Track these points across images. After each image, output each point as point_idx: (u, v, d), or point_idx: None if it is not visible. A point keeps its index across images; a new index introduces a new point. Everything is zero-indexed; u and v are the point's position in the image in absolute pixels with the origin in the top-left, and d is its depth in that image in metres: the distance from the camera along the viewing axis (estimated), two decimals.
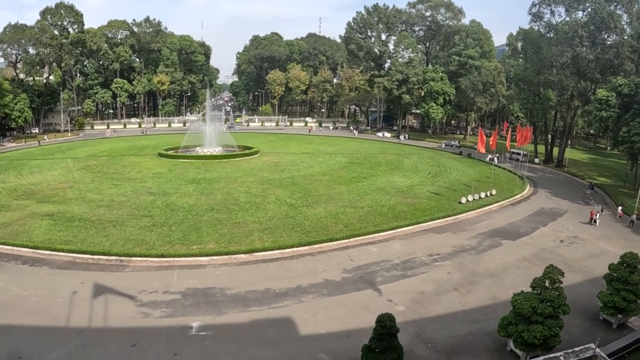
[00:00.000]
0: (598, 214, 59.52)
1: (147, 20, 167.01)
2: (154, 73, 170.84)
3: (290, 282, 38.94)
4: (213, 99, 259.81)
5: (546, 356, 21.04)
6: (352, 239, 49.46)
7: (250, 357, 27.90)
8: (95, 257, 42.36)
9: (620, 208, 64.99)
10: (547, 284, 28.94)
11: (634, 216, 60.96)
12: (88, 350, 28.34)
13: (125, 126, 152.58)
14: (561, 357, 20.26)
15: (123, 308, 33.78)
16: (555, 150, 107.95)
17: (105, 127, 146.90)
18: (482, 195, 68.34)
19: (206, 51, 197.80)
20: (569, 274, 37.27)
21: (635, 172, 79.87)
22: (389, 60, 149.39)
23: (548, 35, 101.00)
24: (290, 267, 42.49)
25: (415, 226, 54.90)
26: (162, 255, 43.02)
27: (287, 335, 31.36)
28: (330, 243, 48.17)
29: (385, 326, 25.66)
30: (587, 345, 21.83)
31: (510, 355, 29.49)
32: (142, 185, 68.05)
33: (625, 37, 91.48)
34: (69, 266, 40.80)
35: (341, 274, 41.24)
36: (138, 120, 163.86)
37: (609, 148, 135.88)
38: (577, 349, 21.91)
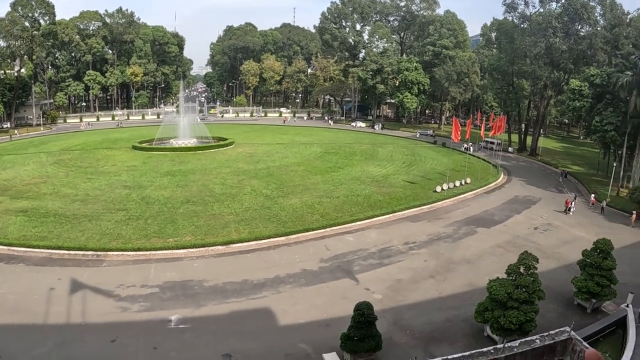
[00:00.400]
0: (573, 203, 60.15)
1: (119, 10, 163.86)
2: (127, 65, 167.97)
3: (268, 273, 38.77)
4: (187, 91, 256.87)
5: (522, 340, 21.09)
6: (328, 229, 49.33)
7: (230, 349, 27.39)
8: (72, 252, 41.47)
9: (593, 196, 65.95)
10: (522, 270, 29.33)
11: (604, 203, 62.26)
12: (68, 346, 27.91)
13: (98, 119, 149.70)
14: (537, 341, 20.37)
15: (101, 303, 33.25)
16: (529, 139, 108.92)
17: (78, 120, 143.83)
18: (457, 183, 68.66)
19: (179, 42, 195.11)
20: (544, 260, 37.48)
21: (608, 161, 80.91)
22: (363, 50, 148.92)
23: (522, 25, 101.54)
24: (267, 257, 42.29)
25: (391, 215, 54.97)
26: (139, 249, 42.38)
27: (267, 326, 31.30)
28: (307, 233, 48.01)
29: (364, 314, 25.88)
30: (562, 329, 21.97)
31: (487, 340, 29.65)
32: (116, 179, 66.89)
33: (599, 29, 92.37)
34: (45, 262, 39.89)
35: (318, 263, 41.21)
36: (111, 113, 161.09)
37: (581, 137, 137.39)
38: (552, 332, 22.04)
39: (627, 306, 32.91)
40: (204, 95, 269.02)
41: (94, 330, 29.71)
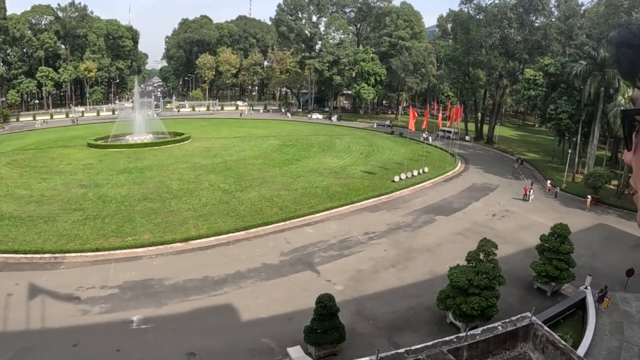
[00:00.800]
0: (531, 190, 60.77)
1: (72, 4, 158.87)
2: (80, 60, 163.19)
3: (229, 268, 38.30)
4: (142, 85, 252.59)
5: (484, 327, 20.95)
6: (287, 222, 48.90)
7: (194, 347, 27.06)
8: (28, 255, 39.85)
9: (549, 182, 66.97)
10: (481, 256, 29.80)
11: (558, 189, 63.46)
12: (29, 353, 26.97)
13: (52, 116, 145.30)
14: (499, 327, 20.23)
15: (61, 307, 32.11)
16: (485, 128, 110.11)
17: (31, 118, 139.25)
18: (415, 173, 68.59)
19: (134, 36, 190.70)
20: (503, 246, 37.69)
21: (563, 148, 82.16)
22: (320, 42, 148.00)
23: (477, 17, 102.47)
24: (227, 253, 41.73)
25: (350, 206, 54.74)
26: (97, 249, 41.05)
27: (229, 322, 31.00)
28: (266, 227, 47.47)
29: (326, 306, 26.00)
30: (523, 315, 21.91)
31: (450, 327, 29.88)
32: (72, 178, 64.59)
33: (553, 19, 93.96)
34: (1, 267, 38.15)
35: (279, 257, 40.90)
36: (66, 110, 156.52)
37: (537, 125, 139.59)
38: (513, 318, 21.96)
39: (586, 288, 33.54)
40: (159, 90, 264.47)
41: (55, 336, 28.79)
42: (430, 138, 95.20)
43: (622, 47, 1.20)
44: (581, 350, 25.86)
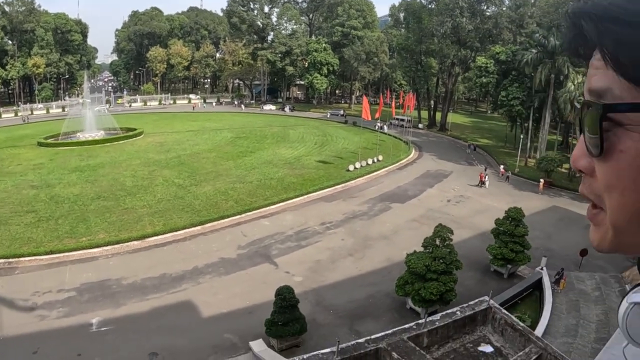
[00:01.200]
0: (487, 177, 61.30)
1: None
2: (28, 56, 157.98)
3: (186, 265, 37.62)
4: (92, 81, 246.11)
5: (443, 312, 20.91)
6: (243, 215, 48.27)
7: (155, 347, 26.60)
8: None
9: (502, 167, 67.84)
10: (437, 242, 30.31)
11: (509, 173, 64.72)
12: None
13: (0, 115, 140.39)
14: (458, 312, 20.20)
15: (18, 314, 30.83)
16: (438, 115, 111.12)
17: None
18: (370, 161, 68.56)
19: (83, 29, 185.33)
20: (458, 231, 37.77)
21: (515, 133, 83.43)
22: (272, 33, 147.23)
23: (430, 6, 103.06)
24: (184, 249, 40.98)
25: (306, 196, 54.39)
26: (52, 252, 39.49)
27: (190, 319, 30.49)
28: (222, 220, 46.82)
29: (285, 298, 26.17)
30: (481, 299, 21.94)
31: (410, 312, 30.06)
32: (23, 179, 61.99)
33: (504, 9, 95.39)
34: None
35: (236, 250, 40.44)
36: (14, 108, 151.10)
37: (489, 111, 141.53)
38: (472, 302, 21.97)
39: (542, 269, 34.12)
40: (110, 85, 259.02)
41: (13, 344, 27.66)
42: (385, 127, 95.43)
43: (604, 23, 0.89)
44: (539, 329, 26.24)
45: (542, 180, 59.31)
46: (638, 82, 0.87)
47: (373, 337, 16.62)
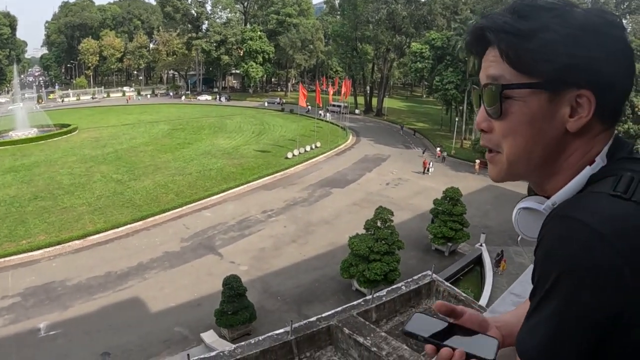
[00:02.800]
0: (431, 163, 62.11)
1: None
2: None
3: (130, 261, 37.29)
4: (22, 76, 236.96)
5: (389, 288, 21.39)
6: (184, 207, 47.98)
7: (107, 346, 25.90)
8: None
9: (438, 149, 69.41)
10: (379, 224, 30.94)
11: (445, 153, 66.87)
12: None
13: None
14: (402, 287, 20.61)
15: None
16: (375, 101, 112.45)
17: None
18: (308, 148, 68.74)
19: (12, 22, 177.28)
20: (398, 212, 38.51)
21: (450, 116, 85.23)
22: (206, 22, 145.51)
23: None
24: (127, 245, 40.55)
25: (246, 185, 54.41)
26: None
27: (139, 315, 30.37)
28: (164, 214, 46.41)
29: (233, 287, 26.71)
30: (424, 273, 22.37)
31: (356, 294, 30.58)
32: None
33: None
34: None
35: (180, 243, 40.36)
36: None
37: (424, 96, 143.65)
38: (415, 277, 22.42)
39: (481, 245, 35.01)
40: (41, 80, 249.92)
41: None
42: (329, 115, 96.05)
43: (501, 34, 1.36)
44: (482, 302, 27.14)
45: (477, 160, 60.74)
46: (520, 70, 1.33)
47: (324, 315, 16.88)
